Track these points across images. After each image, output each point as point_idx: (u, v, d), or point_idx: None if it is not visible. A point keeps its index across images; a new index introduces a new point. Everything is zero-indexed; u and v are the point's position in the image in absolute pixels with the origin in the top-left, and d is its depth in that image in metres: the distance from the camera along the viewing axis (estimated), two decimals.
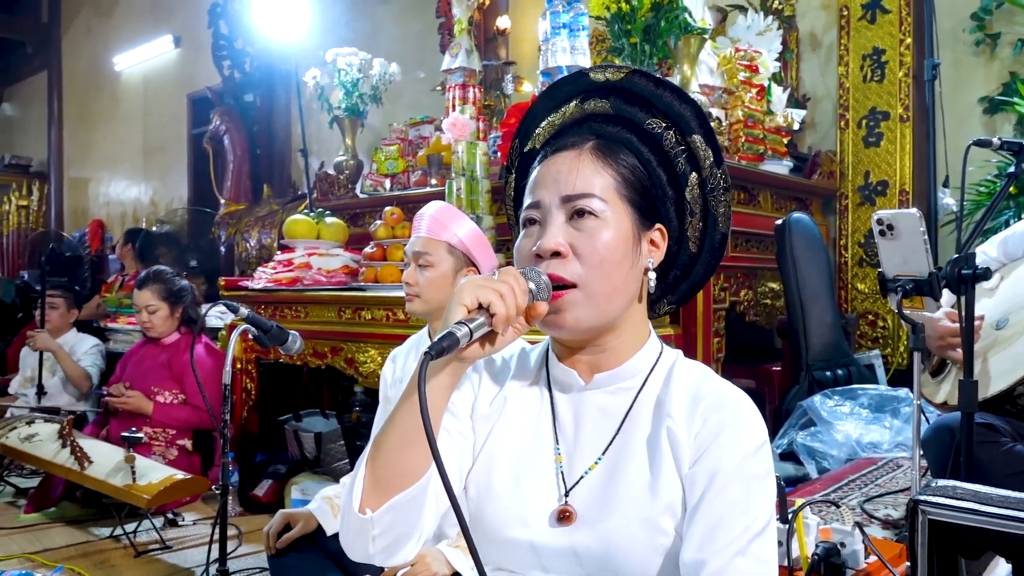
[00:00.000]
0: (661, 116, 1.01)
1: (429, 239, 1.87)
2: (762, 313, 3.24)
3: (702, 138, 1.00)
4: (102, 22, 8.92)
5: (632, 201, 0.97)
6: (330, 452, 3.46)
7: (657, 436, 0.95)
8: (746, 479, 0.90)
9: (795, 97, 3.88)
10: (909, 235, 1.64)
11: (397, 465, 0.88)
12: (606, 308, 0.95)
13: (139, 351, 3.55)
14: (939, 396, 1.99)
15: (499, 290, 0.86)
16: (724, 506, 0.89)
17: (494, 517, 0.97)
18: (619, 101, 1.03)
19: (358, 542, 0.90)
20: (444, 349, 0.81)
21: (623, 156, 0.99)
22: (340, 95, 4.24)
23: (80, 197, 9.43)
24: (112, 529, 2.96)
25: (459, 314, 0.85)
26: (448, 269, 1.86)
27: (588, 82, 1.04)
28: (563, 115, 1.06)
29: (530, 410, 1.02)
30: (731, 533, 0.87)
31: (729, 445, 0.91)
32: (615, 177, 0.97)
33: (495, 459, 0.99)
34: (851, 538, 1.48)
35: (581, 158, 0.97)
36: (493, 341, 0.89)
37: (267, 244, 5.26)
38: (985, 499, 0.96)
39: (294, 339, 2.27)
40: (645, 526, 0.91)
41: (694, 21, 2.94)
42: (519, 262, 0.98)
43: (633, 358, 0.99)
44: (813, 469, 2.66)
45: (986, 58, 3.44)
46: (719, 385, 0.97)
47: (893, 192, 3.59)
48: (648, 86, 1.01)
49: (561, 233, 0.94)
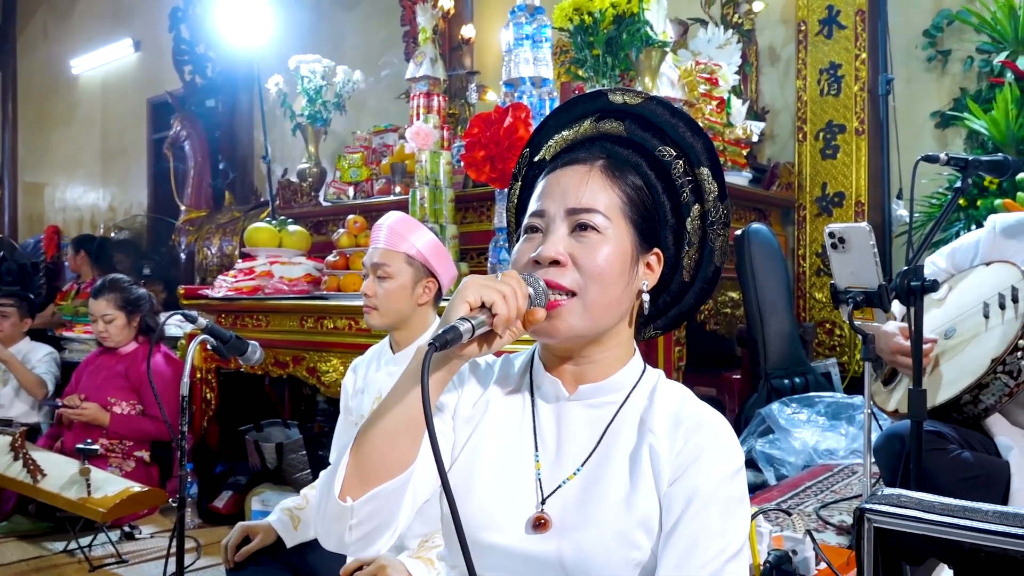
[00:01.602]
0: (672, 145, 1.03)
1: (387, 250, 1.86)
2: (722, 322, 3.29)
3: (709, 171, 1.03)
4: (59, 24, 8.76)
5: (634, 222, 0.99)
6: (291, 463, 3.42)
7: (639, 451, 0.96)
8: (723, 501, 0.92)
9: (754, 109, 3.95)
10: (859, 248, 1.68)
11: (383, 456, 0.89)
12: (600, 320, 0.96)
13: (95, 361, 3.48)
14: (891, 404, 2.03)
15: (502, 291, 0.87)
16: (701, 527, 0.90)
17: (470, 521, 0.96)
18: (634, 125, 1.05)
19: (334, 529, 0.90)
20: (448, 342, 0.82)
21: (631, 178, 1.01)
22: (303, 102, 4.22)
23: (35, 202, 9.23)
24: (66, 543, 2.90)
25: (462, 310, 0.86)
26: (407, 280, 1.85)
27: (606, 103, 1.06)
28: (576, 132, 1.08)
29: (512, 416, 1.03)
30: (707, 554, 0.89)
31: (708, 467, 0.93)
32: (621, 197, 0.99)
33: (474, 462, 1.00)
34: (802, 546, 1.51)
35: (591, 174, 0.99)
36: (490, 342, 0.90)
37: (228, 252, 5.19)
38: (928, 507, 0.99)
39: (253, 349, 2.25)
40: (619, 539, 0.92)
41: (655, 34, 2.98)
42: (515, 265, 1.00)
43: (618, 373, 1.01)
44: (771, 476, 2.71)
45: (938, 74, 3.54)
46: (699, 408, 0.99)
47: (849, 203, 3.67)
48: (664, 115, 1.04)
49: (562, 243, 0.96)
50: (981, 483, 1.70)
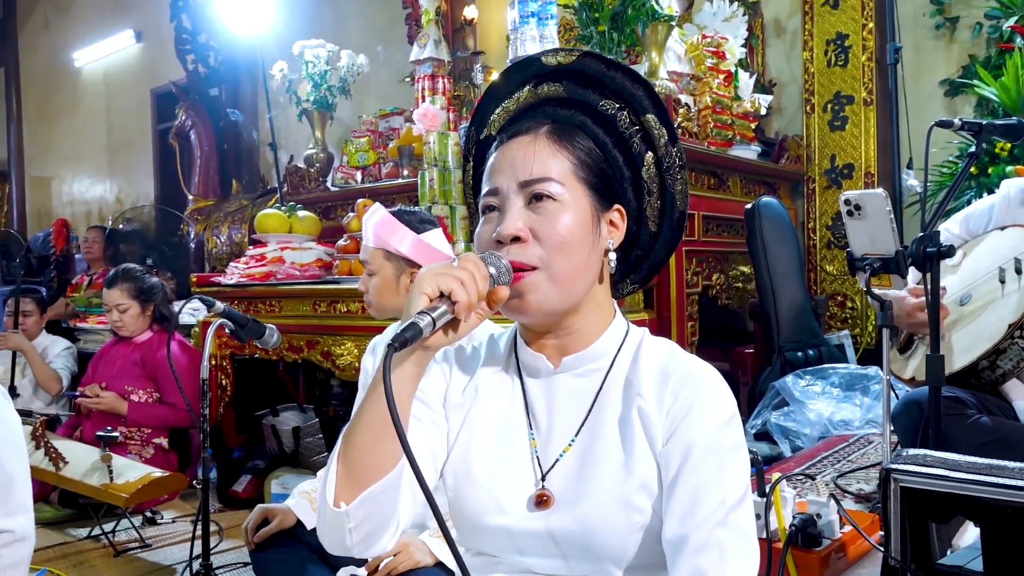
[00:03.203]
0: (614, 97, 1.01)
1: (368, 248, 1.91)
2: (734, 296, 3.29)
3: (655, 117, 1.01)
4: (60, 17, 8.74)
5: (589, 183, 0.98)
6: (308, 446, 3.45)
7: (628, 415, 0.96)
8: (719, 452, 0.91)
9: (761, 83, 3.93)
10: (876, 215, 1.68)
11: (368, 457, 0.88)
12: (569, 290, 0.95)
13: (110, 350, 3.50)
14: (907, 372, 2.04)
15: (459, 277, 0.85)
16: (700, 481, 0.90)
17: (473, 505, 0.98)
18: (572, 84, 1.03)
19: (335, 535, 0.90)
20: (407, 340, 0.82)
21: (579, 139, 0.99)
22: (308, 88, 4.21)
23: (43, 197, 9.25)
24: (90, 529, 2.93)
25: (421, 303, 0.85)
26: (389, 275, 1.89)
27: (540, 66, 1.04)
28: (517, 101, 1.06)
29: (502, 397, 1.02)
30: (709, 506, 0.89)
31: (700, 419, 0.92)
32: (571, 160, 0.97)
33: (471, 447, 1.00)
34: (826, 509, 1.52)
35: (537, 143, 0.97)
36: (456, 328, 0.88)
37: (238, 240, 5.21)
38: (954, 465, 1.00)
39: (271, 332, 2.27)
40: (621, 505, 0.92)
41: (661, 8, 2.97)
42: (479, 249, 0.98)
43: (600, 339, 1.00)
44: (787, 448, 2.72)
45: (946, 41, 3.51)
46: (687, 360, 0.98)
47: (859, 175, 3.65)
48: (600, 68, 1.01)
49: (520, 218, 0.94)
50: (1000, 447, 1.71)
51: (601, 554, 0.93)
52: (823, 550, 1.52)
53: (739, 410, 0.98)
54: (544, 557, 0.96)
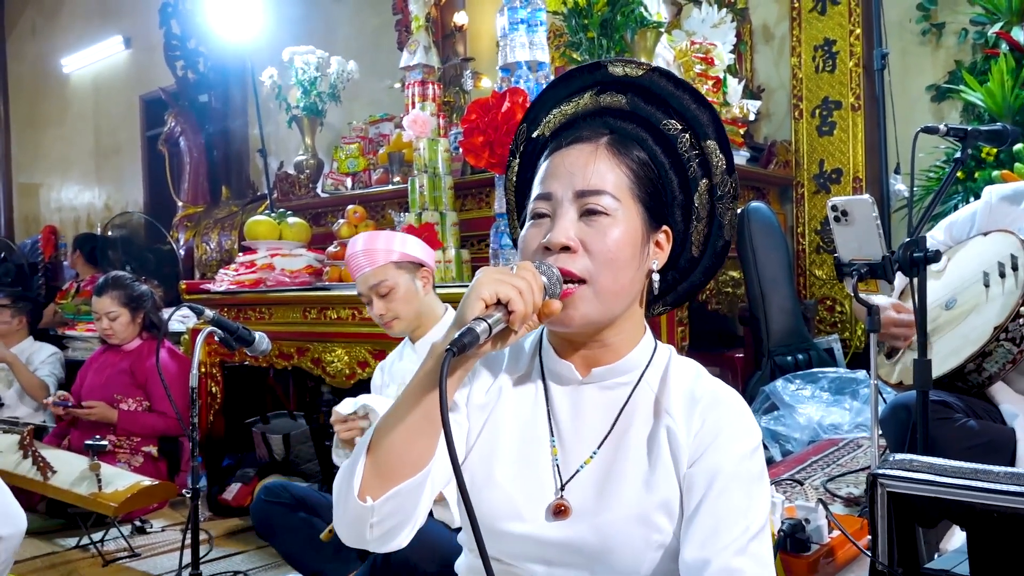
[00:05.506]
0: (678, 118, 1.00)
1: (375, 270, 1.96)
2: (724, 301, 3.30)
3: (716, 144, 1.00)
4: (48, 23, 8.70)
5: (643, 201, 0.97)
6: (299, 453, 3.44)
7: (656, 433, 0.95)
8: (744, 480, 0.92)
9: (750, 88, 3.94)
10: (863, 220, 1.69)
11: (401, 455, 0.88)
12: (612, 306, 0.94)
13: (99, 358, 3.49)
14: (894, 377, 2.04)
15: (518, 286, 0.84)
16: (724, 507, 0.90)
17: (489, 509, 0.96)
18: (637, 98, 1.01)
19: (356, 528, 0.90)
20: (465, 345, 0.81)
21: (637, 153, 0.98)
22: (298, 94, 4.21)
23: (30, 203, 9.19)
24: (78, 539, 2.91)
25: (477, 309, 0.83)
26: (408, 281, 1.98)
27: (605, 75, 1.02)
28: (576, 105, 1.04)
29: (525, 402, 1.01)
30: (732, 533, 0.89)
31: (728, 446, 0.92)
32: (628, 175, 0.96)
33: (491, 451, 0.99)
34: (815, 514, 1.53)
35: (597, 152, 0.96)
36: (505, 338, 0.87)
37: (227, 247, 5.19)
38: (940, 470, 1.00)
39: (261, 339, 2.26)
40: (640, 522, 0.92)
41: (650, 15, 2.98)
42: (524, 252, 0.97)
43: (630, 354, 0.99)
44: (777, 452, 2.73)
45: (932, 47, 3.54)
46: (713, 384, 0.98)
47: (847, 180, 3.67)
48: (667, 86, 1.00)
49: (572, 228, 0.93)
50: (987, 450, 1.72)
51: (616, 569, 0.92)
52: (812, 555, 1.53)
53: (759, 429, 0.98)
54: (557, 567, 0.95)
